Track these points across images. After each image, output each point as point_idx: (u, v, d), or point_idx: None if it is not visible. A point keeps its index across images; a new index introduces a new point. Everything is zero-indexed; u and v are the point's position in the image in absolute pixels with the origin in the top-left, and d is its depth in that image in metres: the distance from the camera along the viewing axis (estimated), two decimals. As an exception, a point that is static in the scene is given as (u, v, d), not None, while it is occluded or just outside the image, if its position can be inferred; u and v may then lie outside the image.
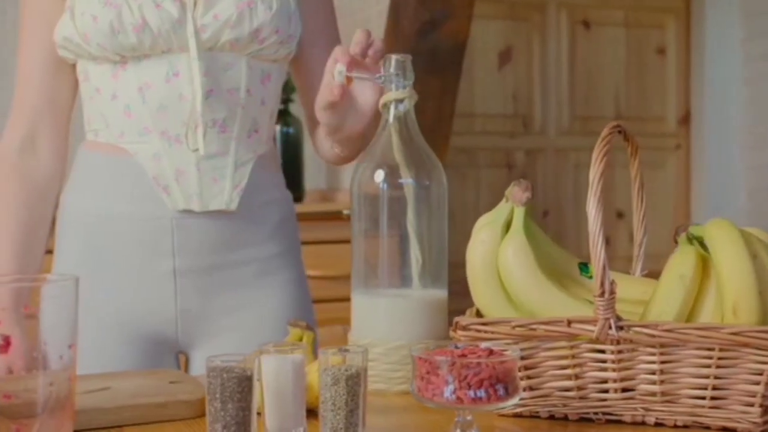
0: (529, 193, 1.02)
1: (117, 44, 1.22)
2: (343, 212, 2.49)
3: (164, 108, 1.25)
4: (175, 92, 1.25)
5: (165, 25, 1.22)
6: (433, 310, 1.11)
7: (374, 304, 1.11)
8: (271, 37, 1.27)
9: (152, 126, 1.25)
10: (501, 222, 1.02)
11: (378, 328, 1.10)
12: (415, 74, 2.68)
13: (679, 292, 0.91)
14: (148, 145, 1.26)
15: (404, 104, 1.12)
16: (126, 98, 1.25)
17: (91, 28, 1.22)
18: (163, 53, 1.24)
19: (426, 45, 2.57)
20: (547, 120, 3.88)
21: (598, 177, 0.91)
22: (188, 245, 1.27)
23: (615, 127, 0.97)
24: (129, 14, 1.21)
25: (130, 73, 1.25)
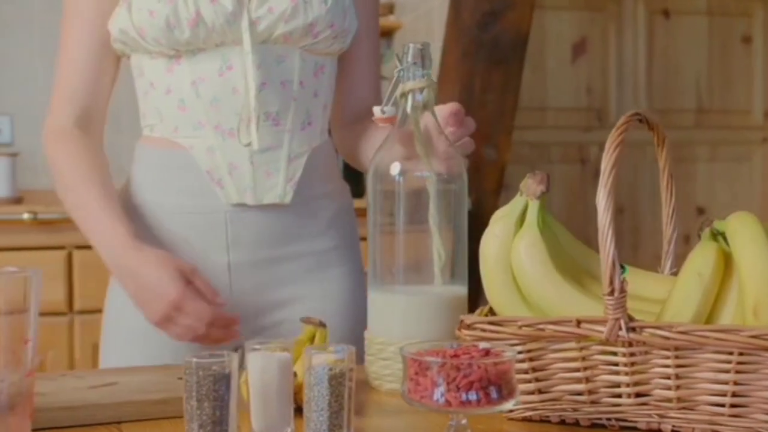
0: (543, 185, 0.97)
1: (172, 39, 1.22)
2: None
3: (218, 101, 1.24)
4: (228, 86, 1.24)
5: (219, 19, 1.21)
6: (453, 308, 1.06)
7: (391, 301, 1.07)
8: (326, 31, 1.26)
9: (206, 120, 1.25)
10: (515, 216, 0.97)
11: (394, 327, 1.06)
12: (477, 67, 2.63)
13: (697, 292, 0.85)
14: (201, 139, 1.25)
15: (423, 94, 1.08)
16: (180, 92, 1.25)
17: (147, 23, 1.22)
18: (216, 46, 1.23)
19: (487, 37, 2.52)
20: (622, 113, 3.76)
21: (610, 168, 0.85)
22: (242, 239, 1.26)
23: (633, 116, 0.91)
24: (184, 9, 1.21)
25: (184, 67, 1.24)
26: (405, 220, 1.07)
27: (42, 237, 2.22)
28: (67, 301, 2.27)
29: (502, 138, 2.65)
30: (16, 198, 2.54)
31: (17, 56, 2.84)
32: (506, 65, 2.56)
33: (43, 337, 2.25)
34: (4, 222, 2.22)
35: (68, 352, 2.27)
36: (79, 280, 2.27)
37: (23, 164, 2.79)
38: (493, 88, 2.58)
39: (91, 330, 2.27)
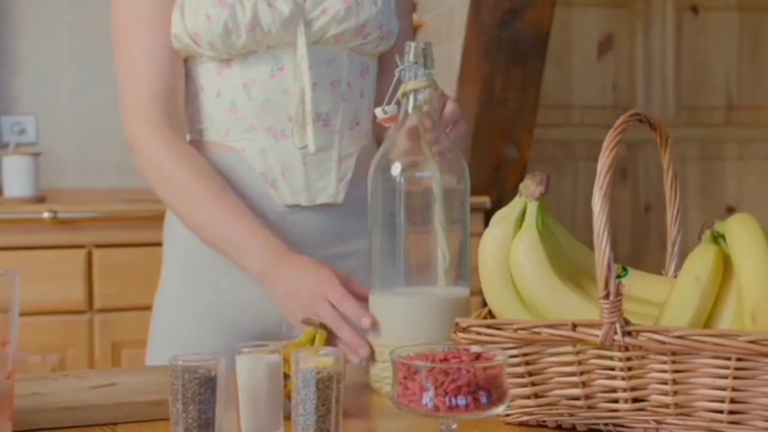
0: (542, 186, 0.95)
1: (228, 43, 1.22)
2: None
3: (269, 103, 1.24)
4: (279, 87, 1.24)
5: (276, 23, 1.21)
6: (455, 310, 1.05)
7: (392, 302, 1.06)
8: (375, 32, 1.28)
9: (257, 122, 1.25)
10: (514, 217, 0.96)
11: (395, 329, 1.05)
12: (497, 65, 2.61)
13: (694, 295, 0.83)
14: (254, 142, 1.25)
15: (424, 94, 1.07)
16: (231, 95, 1.25)
17: (203, 28, 1.21)
18: (268, 48, 1.23)
19: (507, 35, 2.50)
20: (650, 111, 3.73)
21: (606, 169, 0.84)
22: (295, 239, 1.25)
23: (633, 116, 0.90)
24: (242, 14, 1.20)
25: (235, 70, 1.24)
26: (406, 221, 1.06)
27: (62, 236, 2.24)
28: (87, 300, 2.28)
29: (523, 136, 2.63)
30: (38, 197, 2.57)
31: (42, 56, 2.87)
32: (527, 63, 2.54)
33: (63, 336, 2.27)
34: (25, 221, 2.25)
35: (88, 350, 2.28)
36: (98, 278, 2.28)
37: (46, 163, 2.82)
38: (514, 86, 2.56)
39: (111, 328, 2.29)
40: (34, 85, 2.87)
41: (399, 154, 1.06)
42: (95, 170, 2.88)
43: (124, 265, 2.27)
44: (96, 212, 2.27)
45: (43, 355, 2.24)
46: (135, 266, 2.27)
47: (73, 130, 2.89)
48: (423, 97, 1.06)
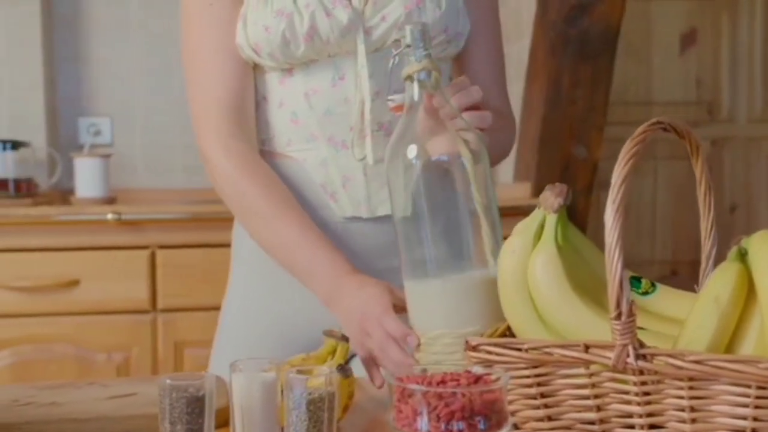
0: (561, 198, 0.91)
1: (287, 54, 1.20)
2: (480, 208, 2.39)
3: (330, 113, 1.22)
4: (340, 96, 1.21)
5: (334, 33, 1.18)
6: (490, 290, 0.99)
7: (427, 289, 1.02)
8: (440, 36, 1.22)
9: (319, 132, 1.23)
10: (533, 230, 0.92)
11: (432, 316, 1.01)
12: (565, 62, 2.54)
13: (713, 317, 0.78)
14: (315, 152, 1.23)
15: (427, 75, 1.02)
16: (292, 105, 1.23)
17: (262, 39, 1.20)
18: (329, 57, 1.21)
19: (575, 31, 2.43)
20: (736, 107, 3.58)
21: (620, 181, 0.79)
22: (355, 251, 1.23)
23: (655, 124, 0.85)
24: (300, 23, 1.18)
25: (297, 80, 1.22)
26: (429, 205, 1.02)
27: (126, 237, 2.28)
28: (151, 300, 2.32)
29: (593, 135, 2.56)
30: (108, 198, 2.62)
31: (116, 59, 2.93)
32: (596, 60, 2.46)
33: (127, 335, 2.31)
34: (91, 222, 2.29)
35: (152, 349, 2.32)
36: (162, 279, 2.32)
37: (119, 163, 2.87)
38: (583, 83, 2.49)
39: (174, 328, 2.32)
40: (108, 87, 2.93)
41: (417, 136, 1.01)
42: (166, 170, 2.93)
43: (186, 266, 2.30)
44: (159, 214, 2.30)
45: (109, 354, 2.29)
46: (197, 267, 2.29)
47: (146, 131, 2.94)
48: (425, 77, 1.02)
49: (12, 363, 2.27)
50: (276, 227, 1.19)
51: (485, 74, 1.30)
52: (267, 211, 1.19)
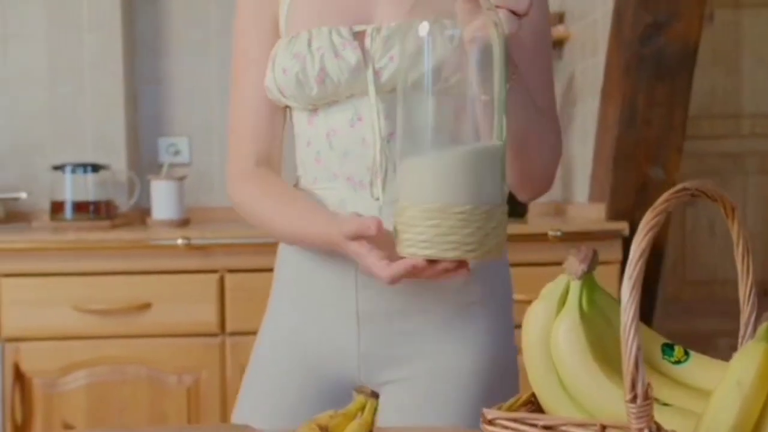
0: (585, 265, 0.87)
1: (304, 95, 1.22)
2: (548, 233, 2.35)
3: (348, 153, 1.23)
4: (358, 137, 1.22)
5: (344, 75, 1.20)
6: (489, 161, 1.00)
7: (416, 164, 1.01)
8: (455, 75, 1.16)
9: (339, 172, 1.24)
10: (557, 296, 0.89)
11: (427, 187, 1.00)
12: (640, 82, 2.47)
13: (735, 403, 0.73)
14: (336, 191, 1.25)
15: None
16: (317, 144, 1.25)
17: (283, 81, 1.23)
18: (348, 98, 1.22)
19: (650, 50, 2.36)
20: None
21: (638, 256, 0.76)
22: (370, 290, 1.24)
23: (680, 192, 0.80)
24: (311, 66, 1.20)
25: (321, 120, 1.24)
26: (434, 80, 1.02)
27: (196, 261, 2.31)
28: (219, 323, 2.35)
29: (670, 156, 2.48)
30: (183, 220, 2.67)
31: (194, 78, 2.98)
32: (672, 79, 2.38)
33: (197, 358, 2.34)
34: (162, 247, 2.34)
35: (220, 372, 2.35)
36: (230, 302, 2.34)
37: (197, 183, 2.93)
38: (659, 103, 2.41)
39: (242, 351, 2.34)
40: (187, 107, 2.99)
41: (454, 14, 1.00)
42: (243, 190, 2.96)
43: (254, 290, 2.31)
44: (227, 239, 2.33)
45: (179, 376, 2.33)
46: (265, 291, 2.29)
47: (223, 150, 2.98)
48: None
49: (87, 383, 2.33)
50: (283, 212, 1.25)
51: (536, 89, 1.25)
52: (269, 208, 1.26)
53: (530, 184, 1.26)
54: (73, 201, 2.67)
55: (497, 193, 1.00)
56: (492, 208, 0.99)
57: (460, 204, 0.97)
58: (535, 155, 1.22)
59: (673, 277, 3.43)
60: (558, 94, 3.01)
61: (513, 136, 1.14)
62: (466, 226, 0.98)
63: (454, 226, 0.97)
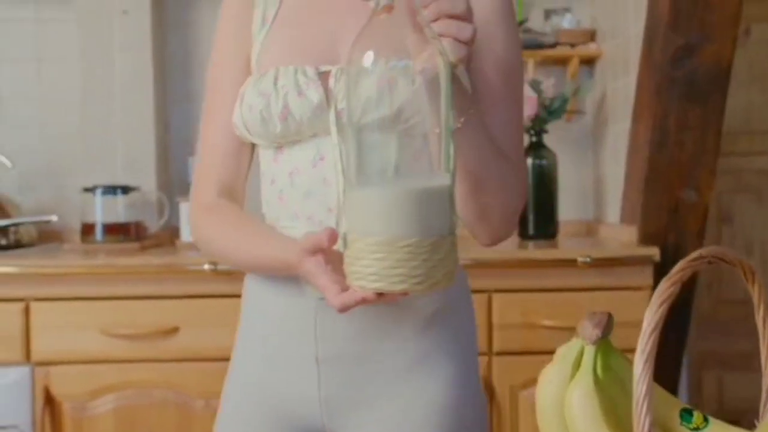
0: (599, 330, 0.85)
1: (268, 132, 1.23)
2: (578, 260, 2.31)
3: (310, 193, 1.23)
4: (320, 177, 1.22)
5: (306, 113, 1.20)
6: (431, 196, 0.99)
7: (363, 196, 1.00)
8: (413, 117, 1.16)
9: (300, 211, 1.24)
10: (571, 360, 0.87)
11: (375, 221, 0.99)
12: (671, 104, 2.43)
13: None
14: (297, 230, 1.24)
15: None
16: (280, 183, 1.26)
17: (248, 117, 1.24)
18: (311, 137, 1.23)
19: (681, 73, 2.32)
20: None
21: (651, 328, 0.74)
22: (330, 332, 1.23)
23: (698, 259, 0.78)
24: (275, 103, 1.21)
25: (285, 158, 1.25)
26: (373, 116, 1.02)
27: (222, 286, 2.31)
28: (246, 348, 2.34)
29: (703, 178, 2.44)
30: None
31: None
32: (705, 102, 2.34)
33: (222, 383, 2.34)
34: (189, 272, 2.34)
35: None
36: (257, 327, 2.34)
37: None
38: (691, 126, 2.37)
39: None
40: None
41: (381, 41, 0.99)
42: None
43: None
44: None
45: (206, 401, 2.33)
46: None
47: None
48: None
49: (115, 407, 2.34)
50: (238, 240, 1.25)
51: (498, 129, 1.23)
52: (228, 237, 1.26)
53: (488, 227, 1.23)
54: (103, 223, 2.68)
55: (444, 225, 0.99)
56: (439, 239, 0.98)
57: (405, 237, 0.96)
58: (491, 196, 1.19)
59: (708, 296, 3.38)
60: (589, 112, 2.98)
61: (467, 173, 1.14)
62: (413, 258, 0.97)
63: (401, 259, 0.97)
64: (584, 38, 2.95)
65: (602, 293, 2.34)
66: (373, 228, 0.98)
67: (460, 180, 1.13)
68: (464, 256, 2.32)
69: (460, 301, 1.31)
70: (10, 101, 3.00)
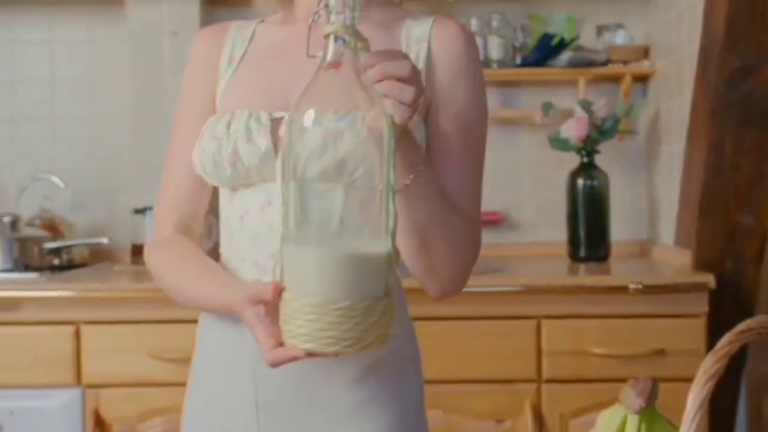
0: (642, 399, 0.82)
1: (220, 175, 1.24)
2: (629, 287, 2.26)
3: (256, 237, 1.23)
4: (266, 222, 1.22)
5: (254, 160, 1.21)
6: (367, 260, 0.99)
7: (300, 255, 1.00)
8: (358, 169, 1.11)
9: (247, 255, 1.24)
10: (613, 429, 0.84)
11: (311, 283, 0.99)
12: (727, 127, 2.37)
13: None
14: (244, 273, 1.24)
15: (343, 40, 1.00)
16: (232, 224, 1.27)
17: (203, 159, 1.25)
18: (262, 182, 1.23)
19: (737, 95, 2.26)
20: None
21: (697, 407, 0.70)
22: (269, 377, 1.21)
23: (745, 332, 0.75)
24: (226, 147, 1.22)
25: (238, 200, 1.26)
26: (316, 167, 1.02)
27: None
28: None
29: (762, 202, 2.37)
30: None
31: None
32: (762, 126, 2.28)
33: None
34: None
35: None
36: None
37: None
38: (748, 149, 2.30)
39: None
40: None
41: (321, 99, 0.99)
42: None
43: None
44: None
45: None
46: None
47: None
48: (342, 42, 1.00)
49: (163, 430, 2.35)
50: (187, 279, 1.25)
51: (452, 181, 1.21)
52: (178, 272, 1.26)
53: (436, 282, 1.21)
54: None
55: (379, 288, 0.99)
56: (372, 303, 0.98)
57: (338, 301, 0.97)
58: (440, 253, 1.17)
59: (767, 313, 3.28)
60: (642, 131, 2.92)
61: (415, 229, 1.14)
62: (345, 322, 0.97)
63: (332, 322, 0.97)
64: (637, 55, 2.89)
65: (655, 320, 2.28)
66: (306, 288, 0.98)
67: (408, 235, 1.14)
68: (513, 282, 2.32)
69: (404, 347, 1.28)
70: (62, 121, 3.04)
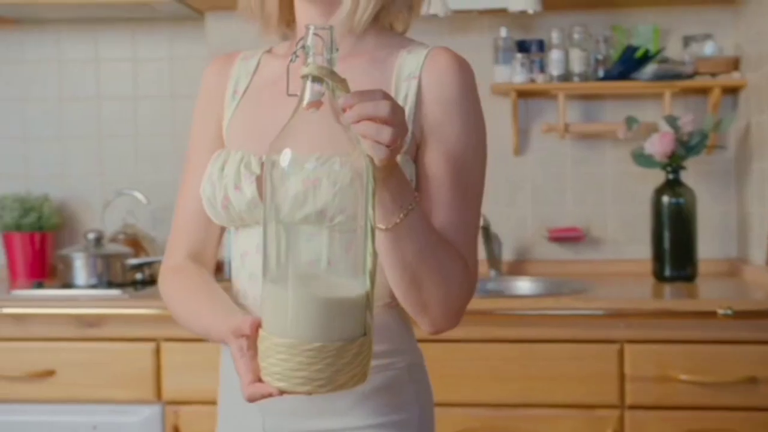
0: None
1: (217, 216, 1.28)
2: (718, 312, 2.18)
3: (254, 276, 1.25)
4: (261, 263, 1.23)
5: (242, 206, 1.24)
6: (341, 302, 1.00)
7: (275, 294, 1.01)
8: (337, 216, 1.12)
9: (248, 292, 1.27)
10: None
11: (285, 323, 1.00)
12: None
13: None
14: (247, 309, 1.27)
15: (321, 83, 1.00)
16: (236, 261, 1.30)
17: (202, 199, 1.29)
18: (256, 224, 1.25)
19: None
20: None
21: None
22: (276, 406, 1.22)
23: None
24: (219, 192, 1.25)
25: (241, 238, 1.29)
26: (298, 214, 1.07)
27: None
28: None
29: None
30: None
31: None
32: None
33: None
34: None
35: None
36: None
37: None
38: None
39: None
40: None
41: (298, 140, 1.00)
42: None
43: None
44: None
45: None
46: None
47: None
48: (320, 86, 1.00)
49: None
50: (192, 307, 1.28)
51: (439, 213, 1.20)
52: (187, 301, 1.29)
53: (428, 319, 1.19)
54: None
55: (354, 329, 1.00)
56: (346, 344, 0.99)
57: (308, 342, 0.98)
58: (430, 289, 1.16)
59: None
60: (731, 146, 2.82)
61: (405, 267, 1.14)
62: (316, 363, 0.98)
63: (303, 362, 0.98)
64: (727, 67, 2.79)
65: (746, 347, 2.20)
66: (280, 327, 0.99)
67: (398, 273, 1.14)
68: (595, 305, 2.26)
69: (411, 371, 1.28)
70: (145, 138, 3.09)
